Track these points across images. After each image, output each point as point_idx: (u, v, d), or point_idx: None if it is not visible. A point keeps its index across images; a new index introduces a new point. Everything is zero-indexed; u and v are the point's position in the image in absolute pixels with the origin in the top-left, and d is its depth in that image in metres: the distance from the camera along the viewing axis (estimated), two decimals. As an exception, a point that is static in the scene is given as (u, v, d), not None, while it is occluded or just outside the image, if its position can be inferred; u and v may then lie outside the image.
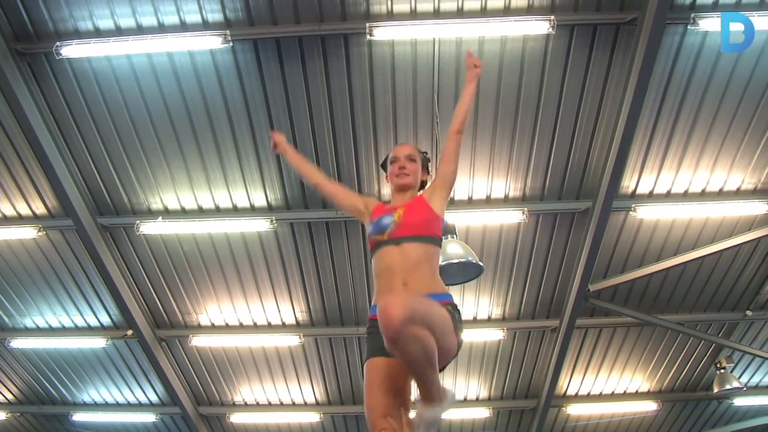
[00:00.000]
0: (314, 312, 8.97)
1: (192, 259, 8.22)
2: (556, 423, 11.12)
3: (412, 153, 2.87)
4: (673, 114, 6.63)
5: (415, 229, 2.60)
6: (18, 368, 10.48)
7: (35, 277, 8.71)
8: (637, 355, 9.83)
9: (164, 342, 9.41)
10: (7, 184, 7.55)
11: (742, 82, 6.33)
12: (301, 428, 11.25)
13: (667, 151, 6.97)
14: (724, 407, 11.16)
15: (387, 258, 2.59)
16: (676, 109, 6.58)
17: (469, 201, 7.44)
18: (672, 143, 6.89)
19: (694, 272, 8.45)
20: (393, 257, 2.57)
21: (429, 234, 2.62)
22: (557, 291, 8.55)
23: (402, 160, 2.82)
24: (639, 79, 5.72)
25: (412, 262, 2.54)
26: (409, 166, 2.81)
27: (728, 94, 6.44)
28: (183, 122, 6.79)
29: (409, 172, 2.80)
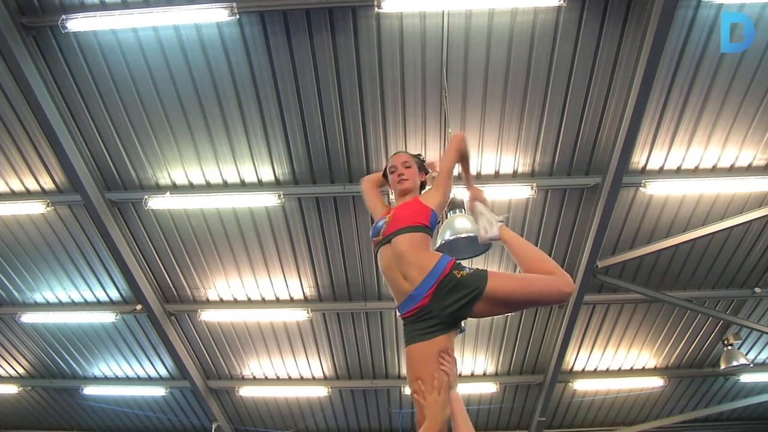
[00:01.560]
0: (322, 287, 9.01)
1: (200, 234, 8.25)
2: (562, 398, 11.20)
3: (407, 160, 3.11)
4: (684, 89, 6.53)
5: (400, 223, 2.80)
6: (29, 342, 10.61)
7: (44, 253, 8.77)
8: (644, 332, 9.84)
9: (173, 316, 9.49)
10: (15, 160, 7.56)
11: (756, 57, 6.21)
12: (309, 402, 11.38)
13: (679, 126, 6.89)
14: (730, 383, 11.19)
15: (384, 257, 2.80)
16: (688, 84, 6.49)
17: (477, 176, 7.38)
18: (683, 118, 6.81)
19: (703, 249, 8.40)
20: (388, 254, 2.78)
21: (413, 224, 2.78)
22: (565, 267, 8.42)
23: (399, 168, 3.07)
24: (651, 53, 5.62)
25: (401, 253, 2.71)
26: (406, 172, 3.05)
27: (741, 69, 6.33)
28: (190, 96, 6.76)
29: (408, 177, 3.04)
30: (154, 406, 11.81)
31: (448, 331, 2.58)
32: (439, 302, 2.56)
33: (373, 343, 9.96)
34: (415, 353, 2.58)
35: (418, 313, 2.60)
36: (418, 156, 3.21)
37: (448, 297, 2.55)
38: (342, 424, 12.11)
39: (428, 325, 2.57)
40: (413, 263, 2.66)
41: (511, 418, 11.59)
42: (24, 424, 12.83)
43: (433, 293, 2.57)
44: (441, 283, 2.58)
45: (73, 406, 12.10)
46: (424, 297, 2.58)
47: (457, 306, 2.54)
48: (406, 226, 2.76)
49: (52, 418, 12.60)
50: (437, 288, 2.57)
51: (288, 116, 6.87)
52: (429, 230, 2.82)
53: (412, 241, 2.73)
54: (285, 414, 11.73)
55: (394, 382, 10.73)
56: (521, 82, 6.53)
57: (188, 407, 11.75)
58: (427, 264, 2.64)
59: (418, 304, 2.60)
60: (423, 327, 2.58)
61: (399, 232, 2.75)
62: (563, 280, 2.54)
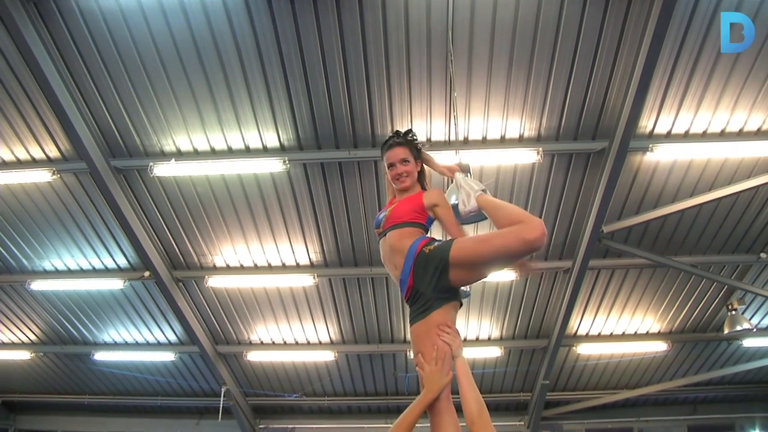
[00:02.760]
0: (328, 252, 9.05)
1: (206, 200, 8.27)
2: (566, 362, 11.32)
3: (404, 155, 3.04)
4: (694, 52, 6.42)
5: (397, 219, 2.88)
6: (39, 310, 10.75)
7: (52, 220, 8.83)
8: (648, 297, 9.88)
9: (181, 283, 9.58)
10: (19, 128, 7.55)
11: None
12: (316, 366, 11.55)
13: (687, 89, 6.79)
14: (733, 348, 11.27)
15: (382, 249, 2.97)
16: (698, 47, 6.37)
17: (483, 141, 7.35)
18: (692, 82, 6.71)
19: (709, 214, 8.37)
20: (384, 247, 2.93)
21: (409, 220, 2.86)
22: (571, 232, 8.54)
23: (398, 166, 3.03)
24: (661, 14, 5.51)
25: (393, 247, 2.83)
26: (405, 169, 3.02)
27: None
28: (193, 62, 6.70)
29: (408, 174, 3.03)
30: (164, 370, 12.02)
31: (443, 304, 2.66)
32: (421, 281, 2.68)
33: (379, 307, 10.05)
34: (417, 331, 2.71)
35: (411, 295, 2.74)
36: (412, 140, 3.11)
37: (425, 274, 2.66)
38: (348, 388, 12.31)
39: (422, 303, 2.68)
40: (399, 251, 2.80)
41: (515, 381, 11.75)
42: (37, 389, 13.11)
43: (413, 273, 2.70)
44: (416, 262, 2.70)
45: (85, 371, 12.32)
46: (408, 279, 2.72)
47: (434, 280, 2.63)
48: (403, 222, 2.87)
49: (64, 383, 12.85)
50: (415, 268, 2.70)
51: (292, 81, 6.81)
52: (424, 228, 2.91)
53: (402, 234, 2.84)
54: (292, 378, 11.93)
55: (399, 346, 10.86)
56: (528, 44, 6.43)
57: (197, 372, 11.95)
58: (406, 247, 2.77)
59: (408, 287, 2.73)
60: (419, 306, 2.70)
61: (395, 227, 2.87)
62: (527, 227, 2.41)
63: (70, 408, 13.51)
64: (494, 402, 11.90)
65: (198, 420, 13.26)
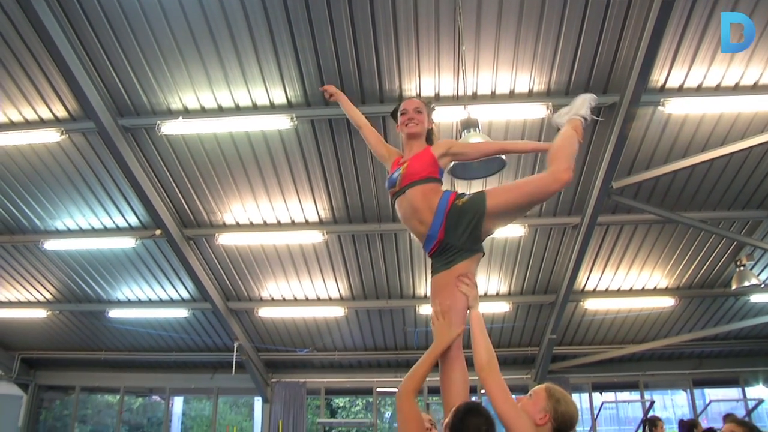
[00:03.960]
0: (337, 209, 9.10)
1: (214, 158, 8.28)
2: (573, 317, 11.45)
3: (419, 106, 3.15)
4: (710, 2, 6.24)
5: (415, 176, 2.93)
6: (53, 269, 10.93)
7: (62, 181, 8.89)
8: (657, 252, 9.91)
9: (191, 241, 9.68)
10: (26, 88, 7.53)
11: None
12: (327, 322, 11.75)
13: (701, 42, 6.62)
14: (740, 303, 11.34)
15: (401, 207, 2.99)
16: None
17: (492, 96, 7.26)
18: (707, 34, 6.53)
19: (720, 169, 8.30)
20: (403, 205, 2.96)
21: (426, 176, 2.92)
22: (580, 188, 8.51)
23: (410, 112, 3.12)
24: (676, -38, 5.36)
25: (416, 203, 2.89)
26: (417, 117, 3.10)
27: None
28: (198, 19, 6.59)
29: (418, 122, 3.10)
30: (178, 327, 12.27)
31: (469, 256, 2.78)
32: (453, 233, 2.78)
33: (388, 263, 10.14)
34: (438, 281, 2.82)
35: (439, 247, 2.83)
36: (429, 103, 3.25)
37: (459, 226, 2.77)
38: (358, 343, 12.54)
39: (450, 254, 2.79)
40: (425, 208, 2.86)
41: (522, 336, 11.92)
42: (54, 346, 13.44)
43: (445, 227, 2.79)
44: (448, 216, 2.79)
45: (100, 328, 12.60)
46: (439, 232, 2.80)
47: (468, 231, 2.76)
48: (421, 178, 2.91)
49: (80, 340, 13.16)
50: (447, 221, 2.79)
51: (298, 37, 6.71)
52: (439, 181, 2.98)
53: (424, 189, 2.90)
54: (303, 333, 12.15)
55: (409, 301, 11.00)
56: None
57: (210, 328, 12.19)
58: (434, 203, 2.85)
59: (437, 240, 2.82)
60: (446, 257, 2.81)
61: (413, 184, 2.91)
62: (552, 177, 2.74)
63: (87, 364, 13.86)
64: (502, 356, 12.05)
65: (212, 374, 13.60)
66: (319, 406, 13.91)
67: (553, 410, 2.38)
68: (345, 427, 16.14)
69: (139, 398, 16.05)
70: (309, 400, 13.68)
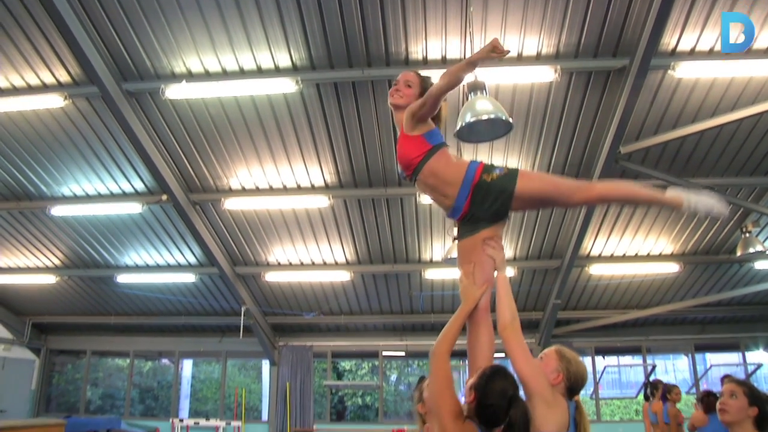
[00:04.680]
0: (342, 174, 9.08)
1: (219, 123, 8.24)
2: (578, 282, 11.51)
3: (411, 80, 2.99)
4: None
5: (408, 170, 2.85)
6: (61, 234, 11.01)
7: (67, 146, 8.89)
8: (663, 219, 9.88)
9: (198, 206, 9.71)
10: (28, 53, 7.46)
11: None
12: (333, 286, 11.85)
13: (714, 5, 6.48)
14: (744, 270, 11.36)
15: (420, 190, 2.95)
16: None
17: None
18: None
19: (729, 135, 8.21)
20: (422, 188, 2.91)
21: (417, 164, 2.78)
22: (587, 152, 8.45)
23: (400, 83, 2.99)
24: None
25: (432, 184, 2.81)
26: (404, 90, 2.96)
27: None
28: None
29: (402, 95, 2.95)
30: (186, 291, 12.40)
31: (494, 223, 2.78)
32: (479, 207, 2.73)
33: (394, 228, 10.16)
34: (465, 245, 2.83)
35: (464, 217, 2.80)
36: (427, 78, 3.05)
37: (485, 201, 2.71)
38: (364, 307, 12.66)
39: (474, 222, 2.78)
40: (445, 182, 2.76)
41: (527, 300, 12.00)
42: (64, 311, 13.64)
43: (471, 201, 2.73)
44: (474, 190, 2.71)
45: (109, 293, 12.75)
46: (464, 206, 2.75)
47: (494, 207, 2.72)
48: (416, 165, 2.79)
49: (89, 305, 13.34)
50: (473, 195, 2.72)
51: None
52: (433, 150, 2.79)
53: (432, 170, 2.78)
54: (309, 297, 12.27)
55: (414, 266, 11.06)
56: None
57: (218, 292, 12.32)
58: (458, 176, 2.74)
59: (462, 212, 2.78)
60: (471, 225, 2.80)
61: (416, 173, 2.82)
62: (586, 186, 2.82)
63: (97, 328, 14.10)
64: (506, 321, 12.16)
65: (220, 338, 13.81)
66: (326, 369, 14.13)
67: (566, 370, 2.45)
68: (351, 389, 16.39)
69: (149, 362, 16.32)
70: (316, 363, 13.90)
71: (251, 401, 15.24)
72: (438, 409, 2.28)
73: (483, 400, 2.23)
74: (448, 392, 2.30)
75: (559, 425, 2.33)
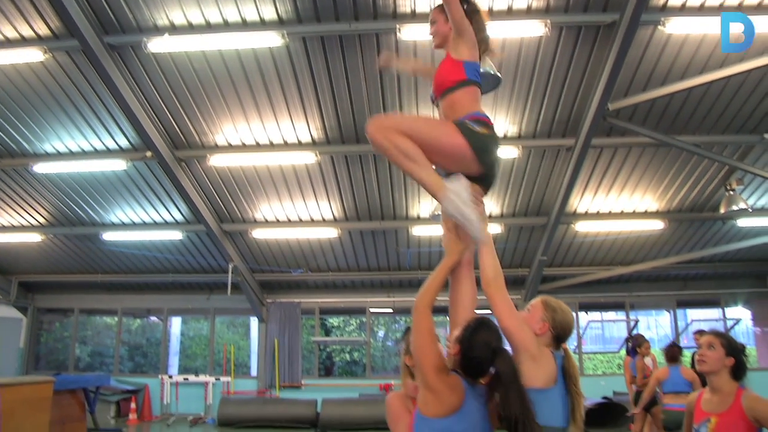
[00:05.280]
0: (329, 129, 9.00)
1: (204, 77, 8.09)
2: (564, 239, 11.62)
3: (432, 17, 3.01)
4: None
5: (437, 90, 2.86)
6: (45, 192, 10.87)
7: (48, 102, 8.70)
8: (649, 176, 9.95)
9: (183, 162, 9.61)
10: (5, 5, 7.22)
11: None
12: (320, 243, 11.88)
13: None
14: (727, 227, 11.52)
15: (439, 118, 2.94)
16: None
17: (489, 12, 7.01)
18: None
19: (717, 92, 8.21)
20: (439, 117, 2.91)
21: (448, 87, 2.79)
22: (575, 109, 8.43)
23: (431, 28, 3.00)
24: None
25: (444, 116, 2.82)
26: (433, 30, 2.98)
27: None
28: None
29: (434, 33, 2.97)
30: (173, 249, 12.38)
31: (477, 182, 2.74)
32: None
33: (381, 184, 10.15)
34: None
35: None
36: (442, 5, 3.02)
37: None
38: (352, 264, 12.74)
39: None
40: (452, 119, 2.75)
41: (514, 257, 12.12)
42: (51, 269, 13.61)
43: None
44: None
45: (95, 251, 12.70)
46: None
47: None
48: (443, 91, 2.81)
49: (76, 263, 13.29)
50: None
51: (288, -53, 6.42)
52: (468, 83, 2.79)
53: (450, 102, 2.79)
54: (297, 254, 12.31)
55: (402, 222, 11.10)
56: None
57: (205, 249, 12.32)
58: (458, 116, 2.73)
59: None
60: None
61: (440, 99, 2.84)
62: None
63: (84, 287, 14.09)
64: (492, 278, 12.30)
65: (208, 295, 13.88)
66: (314, 325, 14.29)
67: (552, 319, 2.49)
68: (339, 345, 16.66)
69: (138, 319, 16.43)
70: (304, 319, 14.05)
71: (240, 358, 15.45)
72: (420, 363, 2.30)
73: (467, 352, 2.27)
74: (431, 347, 2.30)
75: (546, 378, 2.37)
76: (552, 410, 2.33)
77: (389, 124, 2.64)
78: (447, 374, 2.28)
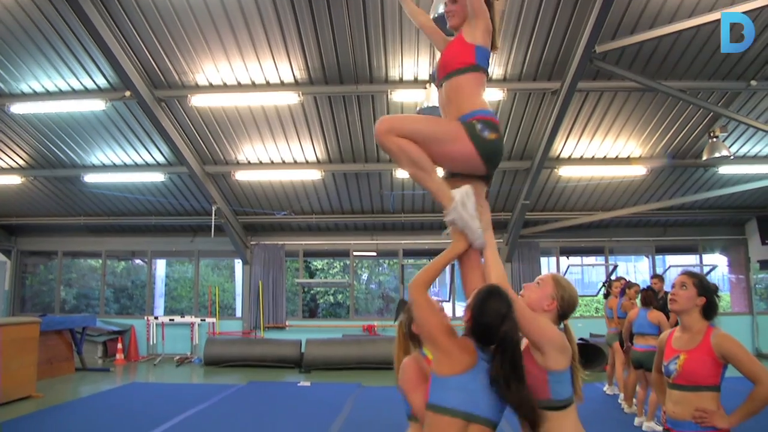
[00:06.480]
0: (312, 70, 8.82)
1: (182, 13, 7.82)
2: (546, 183, 11.68)
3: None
4: None
5: (443, 70, 2.80)
6: (23, 134, 10.65)
7: (23, 40, 8.39)
8: (633, 121, 9.94)
9: (163, 102, 9.41)
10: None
11: None
12: (303, 185, 11.83)
13: None
14: (708, 174, 11.63)
15: (439, 99, 2.91)
16: None
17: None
18: None
19: (706, 36, 8.10)
20: (440, 98, 2.88)
21: (454, 69, 2.74)
22: (562, 51, 8.31)
23: (448, 4, 2.92)
24: None
25: (446, 99, 2.79)
26: (452, 8, 2.88)
27: None
28: None
29: (454, 14, 2.87)
30: (155, 190, 12.28)
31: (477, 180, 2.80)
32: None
33: (365, 126, 10.04)
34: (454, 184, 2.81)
35: None
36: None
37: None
38: (335, 206, 12.76)
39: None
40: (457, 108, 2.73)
41: (497, 201, 12.17)
42: (32, 212, 13.49)
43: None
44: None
45: (77, 193, 12.57)
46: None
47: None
48: (448, 73, 2.76)
49: (58, 205, 13.17)
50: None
51: None
52: (477, 68, 2.76)
53: (454, 86, 2.75)
54: (281, 196, 12.28)
55: (385, 165, 11.05)
56: None
57: (188, 191, 12.23)
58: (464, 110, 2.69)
59: None
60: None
61: (443, 79, 2.79)
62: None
63: (67, 229, 14.01)
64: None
65: (192, 237, 13.88)
66: (298, 268, 14.42)
67: (560, 297, 2.61)
68: (323, 287, 16.87)
69: (122, 262, 16.46)
70: (288, 262, 14.15)
71: (225, 299, 15.61)
72: (428, 331, 2.42)
73: (478, 319, 2.35)
74: (434, 315, 2.43)
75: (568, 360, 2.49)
76: (568, 384, 2.50)
77: (397, 126, 2.64)
78: (456, 336, 2.41)
